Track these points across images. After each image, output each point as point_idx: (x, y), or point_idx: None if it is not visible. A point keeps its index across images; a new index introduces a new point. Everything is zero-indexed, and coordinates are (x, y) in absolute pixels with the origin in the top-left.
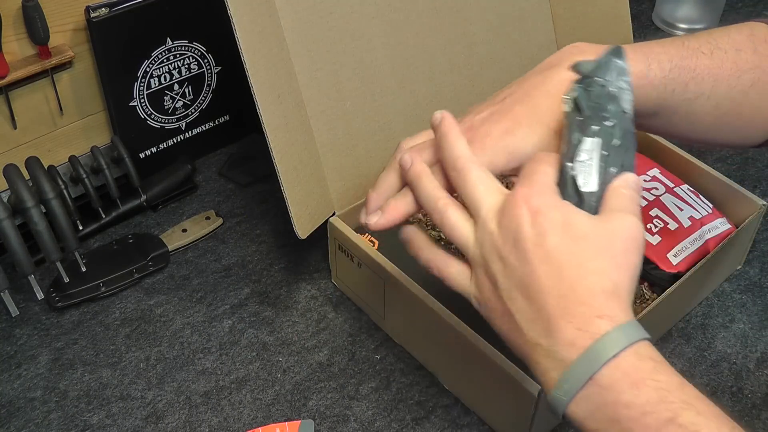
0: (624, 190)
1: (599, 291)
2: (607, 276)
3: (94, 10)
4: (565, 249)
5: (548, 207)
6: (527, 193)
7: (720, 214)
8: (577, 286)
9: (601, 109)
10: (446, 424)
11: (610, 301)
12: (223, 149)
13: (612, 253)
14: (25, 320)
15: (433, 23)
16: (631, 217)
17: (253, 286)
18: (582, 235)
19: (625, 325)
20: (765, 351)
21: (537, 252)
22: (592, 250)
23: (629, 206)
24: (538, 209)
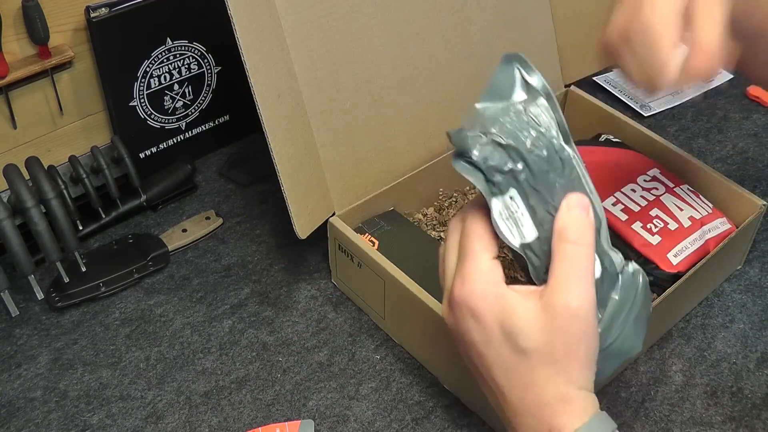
0: (567, 227)
1: (545, 402)
2: (552, 383)
3: (94, 10)
4: (510, 360)
5: (484, 310)
6: (461, 294)
7: (720, 214)
8: (525, 397)
9: (494, 160)
10: (446, 424)
11: (558, 412)
12: (223, 149)
13: (554, 357)
14: (25, 320)
15: (433, 23)
16: (571, 294)
17: (253, 286)
18: (521, 348)
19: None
20: (765, 351)
21: (487, 356)
22: (534, 362)
23: (573, 258)
24: (476, 313)
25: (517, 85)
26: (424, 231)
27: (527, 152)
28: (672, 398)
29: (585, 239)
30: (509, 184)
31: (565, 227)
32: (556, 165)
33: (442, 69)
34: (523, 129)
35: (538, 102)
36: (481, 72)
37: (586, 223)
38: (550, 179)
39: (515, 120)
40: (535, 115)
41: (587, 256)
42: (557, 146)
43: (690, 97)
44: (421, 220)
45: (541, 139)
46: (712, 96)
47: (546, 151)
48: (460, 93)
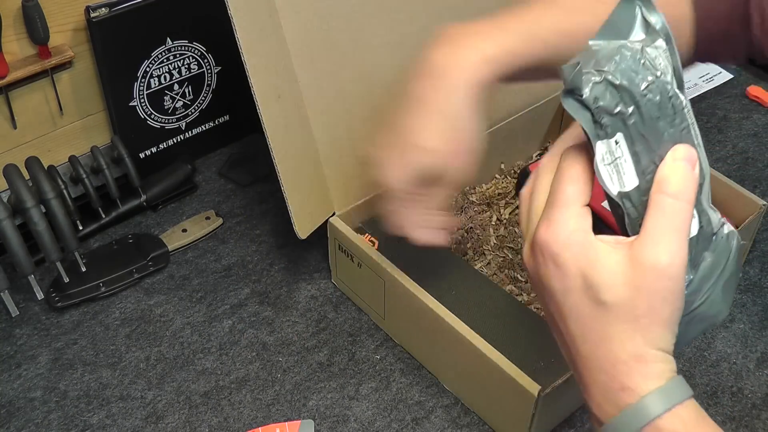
0: (668, 178)
1: (620, 360)
2: (630, 341)
3: (94, 10)
4: (587, 312)
5: (568, 257)
6: (545, 239)
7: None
8: (598, 351)
9: (605, 100)
10: (446, 424)
11: (632, 371)
12: (223, 149)
13: (635, 314)
14: (25, 320)
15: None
16: (662, 249)
17: (253, 286)
18: (602, 301)
19: (647, 398)
20: (765, 351)
21: (565, 305)
22: (613, 316)
23: (670, 211)
24: (558, 259)
25: (637, 24)
26: None
27: (640, 95)
28: None
29: (686, 194)
30: (617, 128)
31: (666, 178)
32: (667, 112)
33: None
34: (639, 71)
35: (656, 43)
36: None
37: (690, 177)
38: (659, 127)
39: (630, 60)
40: (652, 57)
41: (685, 211)
42: (671, 92)
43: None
44: None
45: (655, 83)
46: (712, 96)
47: (659, 96)
48: None
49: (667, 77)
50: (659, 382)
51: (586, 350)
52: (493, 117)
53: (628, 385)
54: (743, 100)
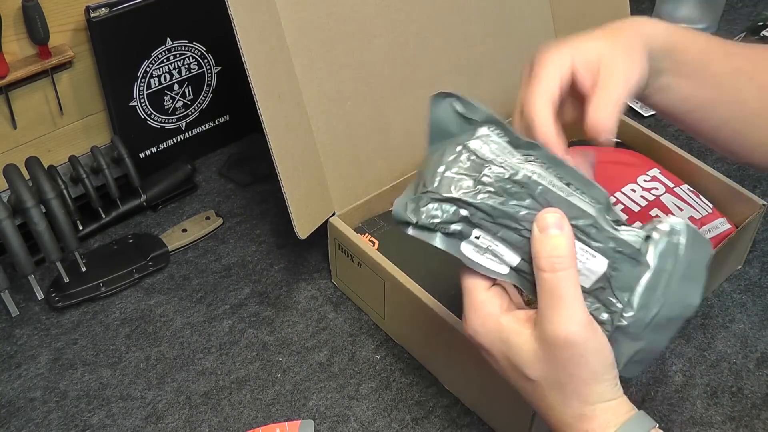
0: (537, 255)
1: (567, 423)
2: (567, 407)
3: (94, 10)
4: (525, 387)
5: (488, 344)
6: (467, 332)
7: (720, 214)
8: (549, 417)
9: (440, 216)
10: (446, 424)
11: (579, 429)
12: (223, 149)
13: (560, 383)
14: (25, 320)
15: (433, 23)
16: (556, 324)
17: (253, 286)
18: (529, 378)
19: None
20: (765, 351)
21: (509, 381)
22: (544, 389)
23: (550, 287)
24: (482, 347)
25: (456, 121)
26: None
27: (473, 196)
28: (672, 398)
29: (561, 262)
30: (469, 228)
31: (536, 255)
32: (512, 192)
33: (442, 69)
34: (462, 173)
35: (479, 133)
36: (481, 72)
37: (558, 243)
38: (510, 209)
39: (454, 167)
40: (475, 149)
41: (565, 278)
42: (510, 172)
43: None
44: None
45: (487, 175)
46: None
47: (496, 183)
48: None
49: (500, 158)
50: (614, 426)
51: (541, 414)
52: None
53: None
54: None
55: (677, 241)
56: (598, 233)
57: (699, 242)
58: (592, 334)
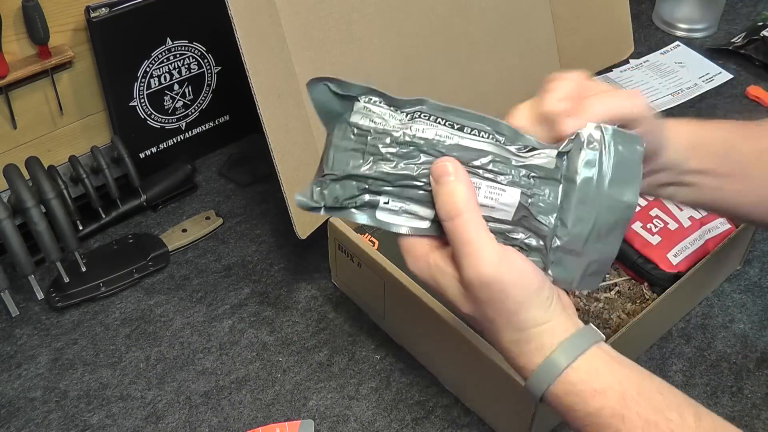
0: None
1: (504, 348)
2: (503, 334)
3: (94, 10)
4: (463, 317)
5: (428, 284)
6: (409, 272)
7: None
8: (492, 343)
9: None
10: (446, 424)
11: (516, 353)
12: (223, 149)
13: (489, 317)
14: (25, 320)
15: (433, 23)
16: (467, 269)
17: (253, 286)
18: (463, 313)
19: (538, 371)
20: (765, 351)
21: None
22: (479, 321)
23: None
24: (426, 285)
25: (336, 103)
26: None
27: (365, 167)
28: None
29: (459, 207)
30: (375, 196)
31: (437, 206)
32: (401, 153)
33: (442, 69)
34: (351, 148)
35: (354, 108)
36: (482, 72)
37: (454, 189)
38: (404, 170)
39: (341, 143)
40: (355, 122)
41: (467, 222)
42: (396, 135)
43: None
44: None
45: (373, 145)
46: (711, 96)
47: (383, 150)
48: (460, 93)
49: (384, 124)
50: (544, 354)
51: (487, 339)
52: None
53: (521, 365)
54: (743, 101)
55: (597, 147)
56: (504, 166)
57: (625, 141)
58: (507, 268)
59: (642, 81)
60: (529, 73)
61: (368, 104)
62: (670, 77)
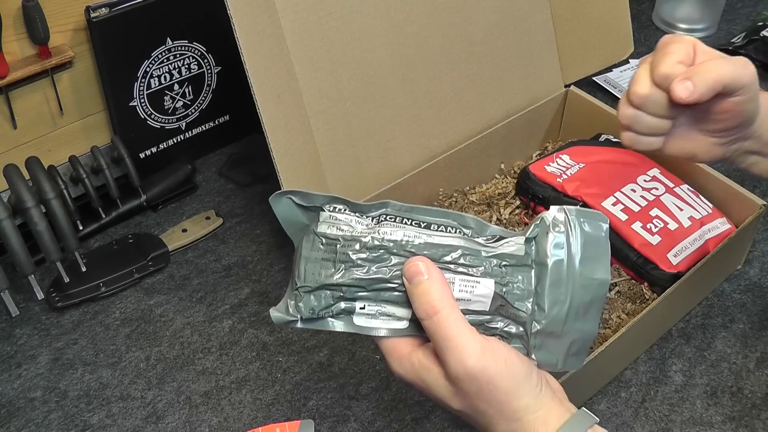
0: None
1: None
2: (496, 426)
3: (94, 10)
4: (457, 414)
5: (414, 384)
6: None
7: (720, 214)
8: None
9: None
10: (446, 424)
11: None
12: (223, 149)
13: (480, 410)
14: (25, 320)
15: (433, 23)
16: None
17: (253, 286)
18: (455, 410)
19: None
20: (765, 351)
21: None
22: (470, 415)
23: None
24: (411, 385)
25: (301, 215)
26: None
27: (338, 276)
28: (672, 398)
29: (434, 305)
30: (351, 302)
31: (414, 306)
32: (372, 258)
33: (442, 69)
34: (321, 258)
35: (320, 218)
36: (481, 72)
37: (429, 288)
38: (377, 274)
39: (311, 254)
40: (323, 232)
41: (445, 319)
42: (365, 240)
43: None
44: None
45: (343, 252)
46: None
47: (353, 256)
48: (460, 93)
49: (351, 231)
50: (554, 427)
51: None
52: (494, 117)
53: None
54: None
55: (563, 230)
56: (474, 258)
57: (589, 218)
58: (492, 358)
59: None
60: (529, 73)
61: (333, 212)
62: None
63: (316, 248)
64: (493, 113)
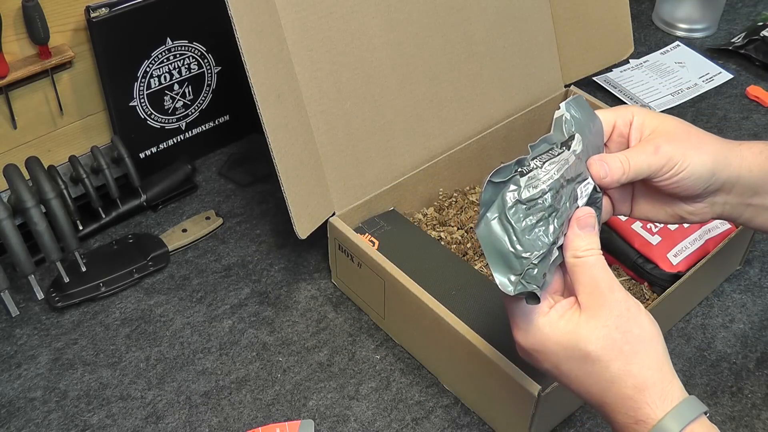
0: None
1: (627, 397)
2: (628, 377)
3: (94, 10)
4: (584, 374)
5: (544, 347)
6: (520, 343)
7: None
8: (607, 399)
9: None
10: (446, 424)
11: (639, 404)
12: (223, 149)
13: (619, 348)
14: (25, 320)
15: (433, 23)
16: (603, 283)
17: (253, 286)
18: (587, 356)
19: (660, 425)
20: (765, 351)
21: (562, 376)
22: (604, 362)
23: (590, 269)
24: (542, 353)
25: (497, 229)
26: (424, 231)
27: (552, 227)
28: None
29: (590, 248)
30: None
31: (571, 249)
32: (554, 194)
33: (442, 69)
34: (531, 224)
35: (510, 188)
36: (481, 72)
37: (583, 235)
38: (561, 207)
39: (519, 225)
40: (522, 198)
41: (594, 259)
42: (548, 186)
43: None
44: (421, 220)
45: (547, 205)
46: (711, 96)
47: (551, 201)
48: (460, 93)
49: (542, 184)
50: (666, 409)
51: (596, 400)
52: (494, 117)
53: (641, 419)
54: (743, 100)
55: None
56: (576, 158)
57: (573, 101)
58: (633, 297)
59: (642, 81)
60: (529, 72)
61: (524, 172)
62: (670, 77)
63: (522, 217)
64: (493, 113)
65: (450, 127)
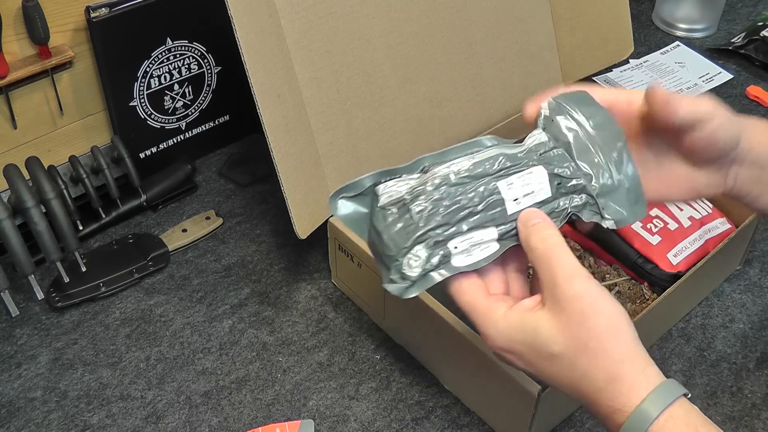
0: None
1: (600, 389)
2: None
3: (94, 10)
4: (552, 371)
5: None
6: (489, 339)
7: (720, 214)
8: (582, 392)
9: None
10: (446, 424)
11: (614, 394)
12: (223, 149)
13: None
14: (25, 320)
15: (433, 23)
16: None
17: (253, 286)
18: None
19: (635, 413)
20: (765, 351)
21: (538, 374)
22: (569, 359)
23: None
24: (506, 350)
25: (360, 205)
26: None
27: (421, 225)
28: None
29: (545, 240)
30: (443, 247)
31: (526, 242)
32: (441, 193)
33: (442, 69)
34: (398, 222)
35: (380, 192)
36: (481, 72)
37: (537, 228)
38: (453, 202)
39: (388, 225)
40: (386, 202)
41: (553, 248)
42: (427, 187)
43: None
44: None
45: (414, 204)
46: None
47: (424, 203)
48: (460, 93)
49: (413, 188)
50: (645, 390)
51: (574, 395)
52: (494, 117)
53: (618, 407)
54: (743, 100)
55: (561, 112)
56: (515, 158)
57: (571, 95)
58: (595, 284)
59: (642, 81)
60: (529, 72)
61: (386, 186)
62: (670, 77)
63: (389, 217)
64: (493, 113)
65: (450, 127)
